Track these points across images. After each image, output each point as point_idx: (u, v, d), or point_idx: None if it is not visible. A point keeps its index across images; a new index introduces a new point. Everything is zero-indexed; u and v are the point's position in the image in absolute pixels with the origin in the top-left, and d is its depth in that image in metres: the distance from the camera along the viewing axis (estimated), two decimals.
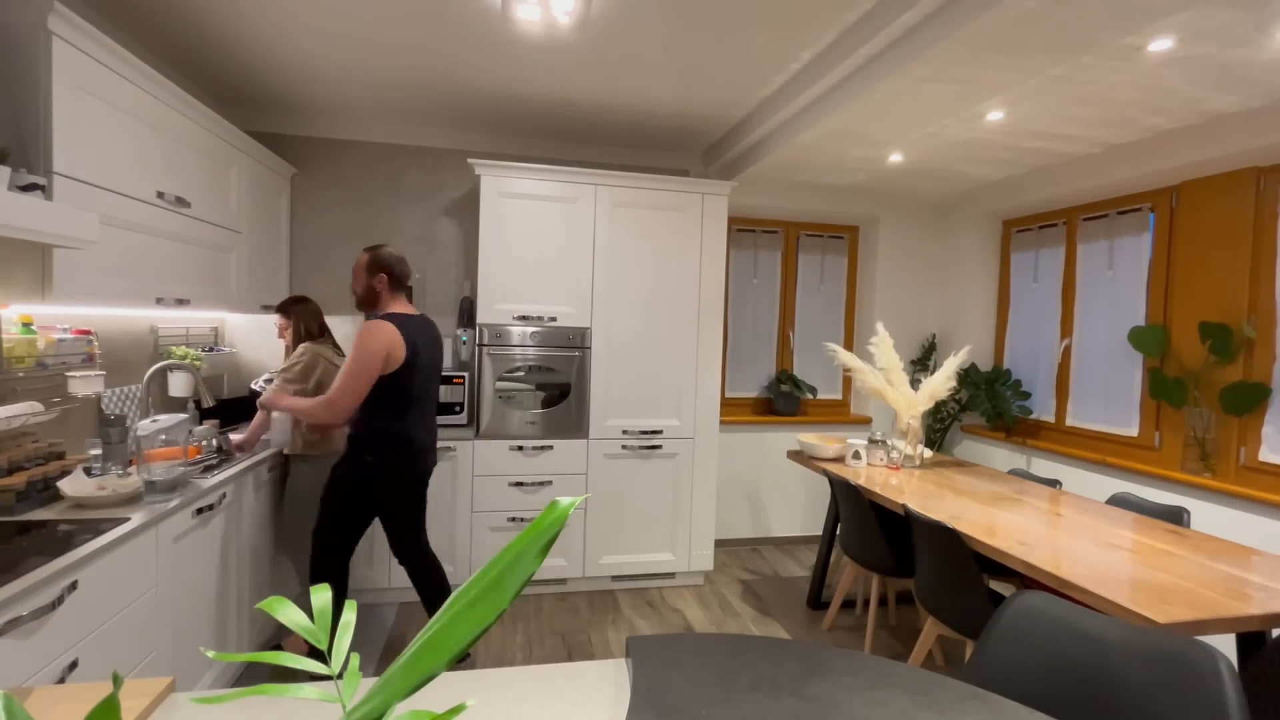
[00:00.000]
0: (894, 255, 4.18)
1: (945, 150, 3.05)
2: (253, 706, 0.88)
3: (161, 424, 2.09)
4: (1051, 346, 3.53)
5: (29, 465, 1.80)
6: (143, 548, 1.68)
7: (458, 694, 0.92)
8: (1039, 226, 3.65)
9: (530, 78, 2.81)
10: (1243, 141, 2.44)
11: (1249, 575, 1.73)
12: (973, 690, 0.97)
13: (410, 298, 2.38)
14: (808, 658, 1.03)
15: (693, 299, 3.30)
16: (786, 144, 3.04)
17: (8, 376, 1.80)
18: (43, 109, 1.67)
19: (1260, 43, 1.90)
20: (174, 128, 2.26)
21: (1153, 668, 1.02)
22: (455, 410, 3.18)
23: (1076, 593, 1.63)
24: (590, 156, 3.77)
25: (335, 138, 3.45)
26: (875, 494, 2.57)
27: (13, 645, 1.23)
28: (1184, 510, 2.29)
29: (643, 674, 0.97)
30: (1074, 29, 1.85)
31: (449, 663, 0.42)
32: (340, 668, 0.54)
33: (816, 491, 4.16)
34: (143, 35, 2.49)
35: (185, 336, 2.85)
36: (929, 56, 2.05)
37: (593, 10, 2.20)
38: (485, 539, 3.11)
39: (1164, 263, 2.91)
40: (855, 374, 3.19)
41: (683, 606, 3.18)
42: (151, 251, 2.15)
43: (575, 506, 0.46)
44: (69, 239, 1.57)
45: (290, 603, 0.56)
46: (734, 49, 2.46)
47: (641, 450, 3.27)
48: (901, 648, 2.84)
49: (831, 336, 4.31)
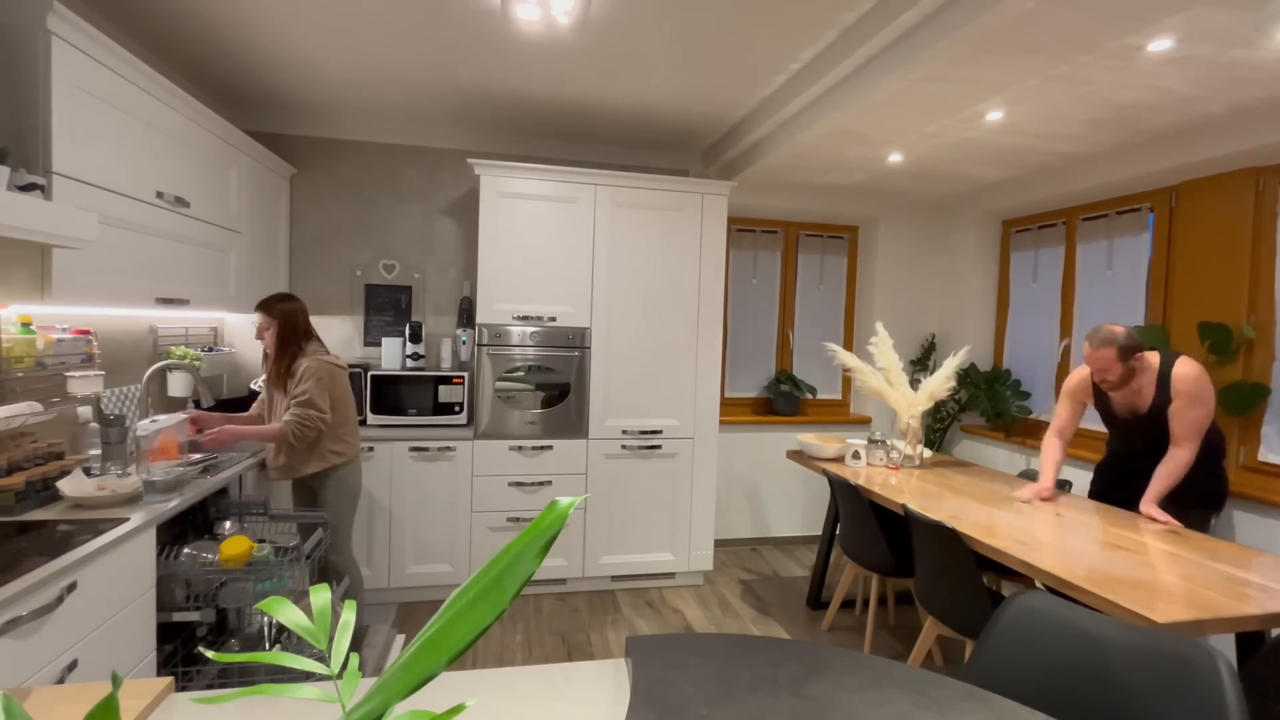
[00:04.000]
0: (893, 255, 4.18)
1: (945, 150, 3.05)
2: (252, 706, 0.88)
3: (161, 424, 2.09)
4: (1051, 346, 3.54)
5: (28, 465, 1.80)
6: (142, 548, 1.68)
7: (458, 694, 0.92)
8: (1038, 226, 3.65)
9: (530, 78, 2.81)
10: (1242, 141, 2.44)
11: (1249, 575, 1.73)
12: (972, 690, 0.97)
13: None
14: (807, 658, 1.03)
15: (692, 299, 3.30)
16: (786, 144, 3.04)
17: (7, 376, 1.80)
18: (42, 109, 1.67)
19: (1260, 43, 1.90)
20: (173, 128, 2.25)
21: (1152, 668, 1.02)
22: (455, 410, 3.18)
23: (1076, 593, 1.63)
24: (590, 156, 3.77)
25: (335, 138, 3.45)
26: (875, 494, 2.57)
27: (12, 645, 1.23)
28: None
29: (642, 674, 0.97)
30: (1074, 29, 1.85)
31: (448, 662, 0.42)
32: (340, 668, 0.54)
33: (816, 491, 4.16)
34: (142, 35, 2.49)
35: (184, 336, 2.85)
36: (929, 56, 2.05)
37: (592, 10, 2.20)
38: (485, 539, 3.11)
39: (1163, 263, 2.91)
40: (855, 374, 3.19)
41: (682, 606, 3.18)
42: (151, 251, 2.15)
43: (575, 506, 0.46)
44: (68, 239, 1.57)
45: (289, 602, 0.56)
46: (734, 49, 2.46)
47: (641, 450, 3.27)
48: (901, 648, 2.84)
49: (831, 336, 4.31)
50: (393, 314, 3.54)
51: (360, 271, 3.51)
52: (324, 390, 2.35)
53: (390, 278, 3.54)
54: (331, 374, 2.40)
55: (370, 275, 3.52)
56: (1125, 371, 2.21)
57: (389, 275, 3.54)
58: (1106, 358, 2.20)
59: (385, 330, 3.51)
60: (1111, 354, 2.19)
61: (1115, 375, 2.22)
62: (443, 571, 3.08)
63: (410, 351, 3.30)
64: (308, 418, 2.29)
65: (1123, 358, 2.19)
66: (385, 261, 3.53)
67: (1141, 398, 2.28)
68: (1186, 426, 2.16)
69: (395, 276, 3.54)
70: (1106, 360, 2.20)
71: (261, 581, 1.94)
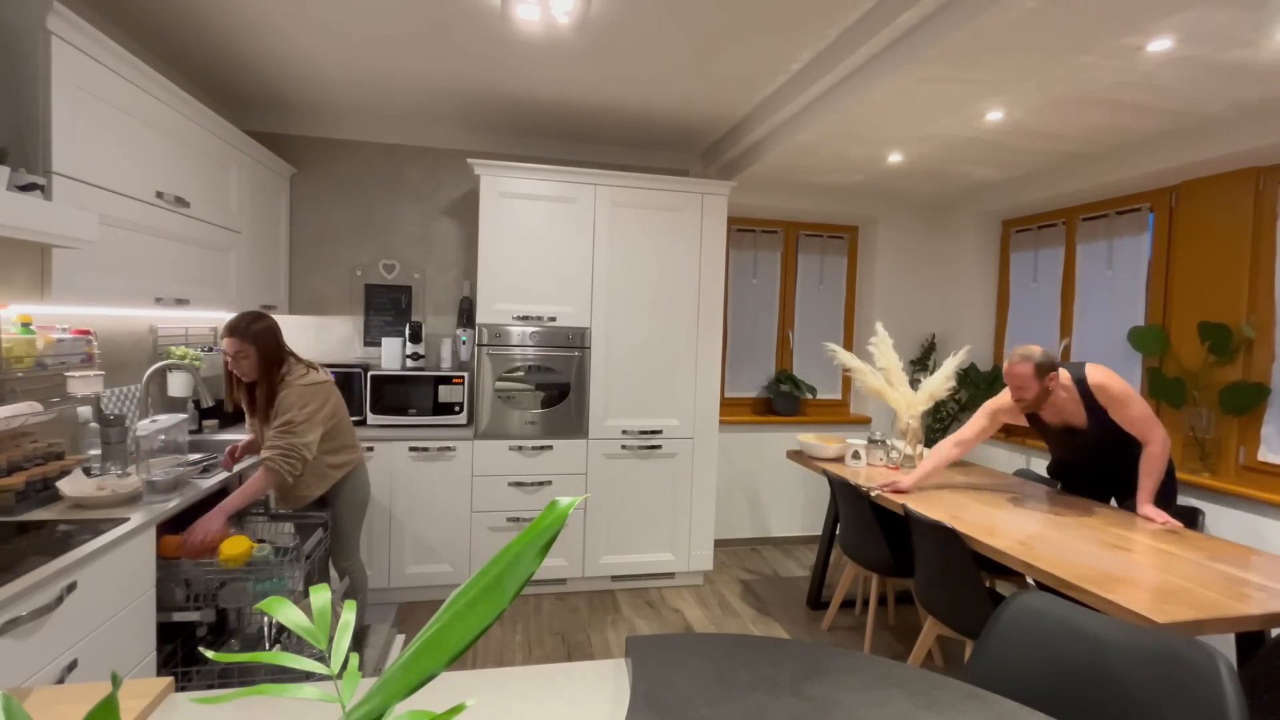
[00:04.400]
0: (893, 255, 4.18)
1: (945, 150, 3.05)
2: (252, 706, 0.88)
3: (161, 424, 2.09)
4: (1051, 346, 3.53)
5: (28, 465, 1.80)
6: (142, 548, 1.68)
7: (458, 694, 0.92)
8: (1038, 226, 3.65)
9: (530, 77, 2.81)
10: (1242, 142, 2.44)
11: (1249, 575, 1.73)
12: (972, 690, 0.97)
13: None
14: (807, 658, 1.03)
15: (692, 299, 3.30)
16: (786, 144, 3.04)
17: (7, 376, 1.80)
18: (42, 108, 1.67)
19: (1260, 43, 1.90)
20: (173, 127, 2.25)
21: (1152, 668, 1.02)
22: (455, 410, 3.18)
23: (1076, 593, 1.63)
24: (590, 156, 3.77)
25: (334, 138, 3.44)
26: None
27: (12, 645, 1.23)
28: (1199, 512, 2.29)
29: (642, 674, 0.97)
30: (1074, 29, 1.85)
31: (448, 662, 0.42)
32: (340, 668, 0.54)
33: (816, 491, 4.16)
34: (142, 35, 2.49)
35: (184, 336, 2.85)
36: (929, 56, 2.05)
37: (592, 10, 2.20)
38: (485, 539, 3.11)
39: (1163, 263, 2.91)
40: (855, 374, 3.19)
41: (682, 606, 3.18)
42: (150, 251, 2.15)
43: (575, 506, 0.46)
44: (68, 239, 1.57)
45: (289, 602, 0.56)
46: (734, 49, 2.46)
47: (641, 450, 3.27)
48: (901, 648, 2.84)
49: (831, 336, 4.31)
50: (393, 314, 3.54)
51: (360, 271, 3.51)
52: (311, 416, 2.16)
53: (390, 278, 3.54)
54: (317, 395, 2.19)
55: (370, 275, 3.52)
56: (1040, 390, 2.28)
57: (389, 275, 3.54)
58: (1024, 373, 2.26)
59: (385, 330, 3.51)
60: (1028, 370, 2.26)
61: (1031, 393, 2.28)
62: (443, 571, 3.07)
63: (410, 351, 3.30)
64: (290, 447, 2.09)
65: (1039, 375, 2.26)
66: (385, 261, 3.53)
67: (1071, 413, 2.35)
68: (1137, 424, 2.24)
69: (395, 276, 3.54)
70: (1024, 377, 2.27)
71: (261, 581, 1.94)
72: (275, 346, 2.17)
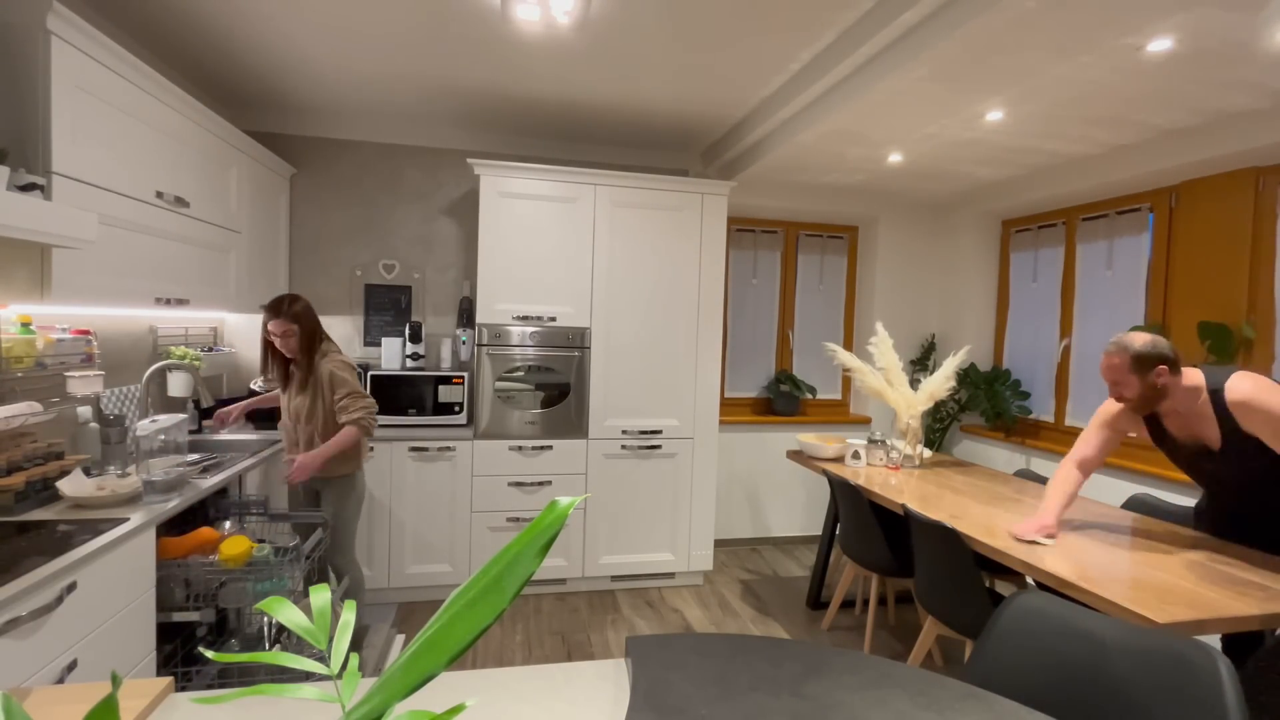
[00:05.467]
0: (893, 255, 4.18)
1: (945, 150, 3.05)
2: (252, 706, 0.88)
3: (160, 424, 2.09)
4: (1051, 346, 3.54)
5: (28, 465, 1.80)
6: (142, 548, 1.68)
7: (458, 694, 0.92)
8: (1038, 226, 3.65)
9: (530, 77, 2.81)
10: (1242, 141, 2.44)
11: (1249, 575, 1.73)
12: (972, 690, 0.97)
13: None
14: (807, 657, 1.03)
15: (692, 299, 3.30)
16: (786, 144, 3.04)
17: (7, 376, 1.80)
18: (42, 109, 1.67)
19: (1260, 43, 1.90)
20: (173, 127, 2.25)
21: (1152, 668, 1.02)
22: (454, 410, 3.18)
23: (1076, 592, 1.63)
24: (590, 156, 3.77)
25: (334, 138, 3.44)
26: (875, 494, 2.57)
27: (12, 645, 1.23)
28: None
29: (642, 674, 0.97)
30: (1074, 29, 1.85)
31: (448, 662, 0.42)
32: (340, 668, 0.54)
33: (816, 491, 4.16)
34: (142, 35, 2.49)
35: (184, 336, 2.85)
36: (929, 56, 2.05)
37: (592, 10, 2.20)
38: (485, 539, 3.11)
39: (1163, 263, 2.91)
40: (855, 374, 3.19)
41: (682, 606, 3.18)
42: (150, 251, 2.15)
43: (574, 506, 0.46)
44: (68, 239, 1.57)
45: (289, 602, 0.56)
46: (734, 49, 2.46)
47: (641, 450, 3.27)
48: (901, 648, 2.84)
49: (831, 336, 4.31)
50: (393, 314, 3.54)
51: (360, 271, 3.51)
52: (361, 385, 2.40)
53: (390, 278, 3.54)
54: (353, 369, 2.44)
55: (370, 275, 3.52)
56: (1145, 389, 1.80)
57: (389, 275, 3.54)
58: (1118, 367, 1.81)
59: (385, 330, 3.51)
60: (1124, 362, 1.79)
61: (1132, 392, 1.82)
62: (442, 571, 3.07)
63: (410, 351, 3.30)
64: (370, 406, 2.35)
65: (1138, 369, 1.78)
66: (385, 261, 3.53)
67: (1204, 429, 1.82)
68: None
69: (395, 276, 3.54)
70: (1118, 370, 1.81)
71: (261, 581, 1.94)
72: (316, 322, 2.40)
